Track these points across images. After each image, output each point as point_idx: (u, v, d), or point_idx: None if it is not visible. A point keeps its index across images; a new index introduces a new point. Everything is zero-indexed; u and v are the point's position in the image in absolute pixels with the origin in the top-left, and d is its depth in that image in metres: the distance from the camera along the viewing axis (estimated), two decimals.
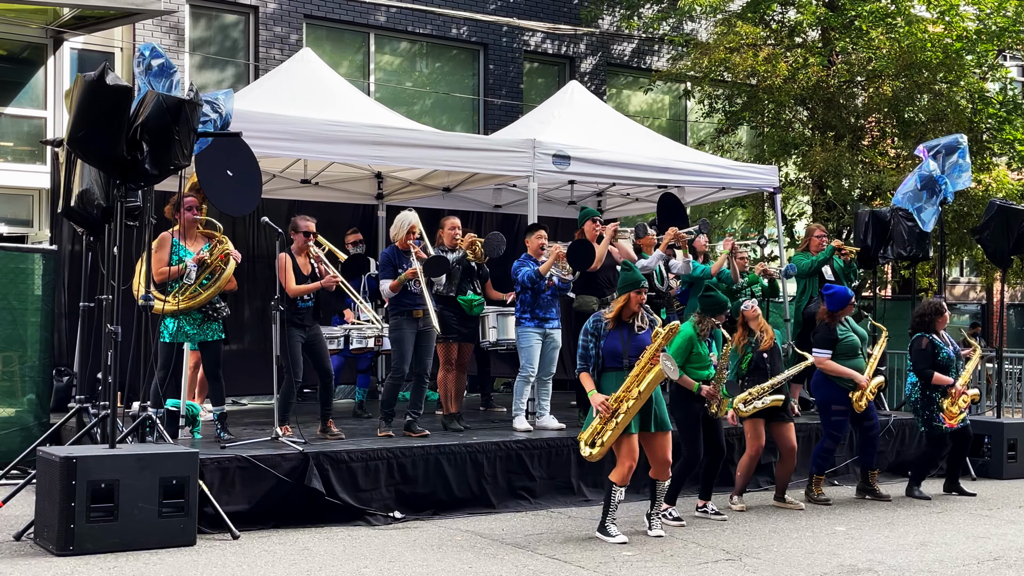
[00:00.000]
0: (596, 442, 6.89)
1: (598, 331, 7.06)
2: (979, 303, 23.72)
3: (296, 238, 8.31)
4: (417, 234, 8.49)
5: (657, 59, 18.41)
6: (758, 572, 6.22)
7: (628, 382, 6.86)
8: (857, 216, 11.46)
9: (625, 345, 7.01)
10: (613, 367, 7.02)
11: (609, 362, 7.03)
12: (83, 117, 6.30)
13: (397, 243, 8.49)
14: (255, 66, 14.76)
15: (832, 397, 8.59)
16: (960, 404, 8.91)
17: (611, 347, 7.04)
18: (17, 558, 6.08)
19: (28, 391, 8.80)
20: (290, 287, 8.08)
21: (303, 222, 8.35)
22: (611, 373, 7.01)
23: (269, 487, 7.14)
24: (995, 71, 16.86)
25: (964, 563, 6.58)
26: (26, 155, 13.63)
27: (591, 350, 7.05)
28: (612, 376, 6.99)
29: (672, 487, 7.59)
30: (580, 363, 7.09)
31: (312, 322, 8.32)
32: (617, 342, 7.03)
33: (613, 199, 13.03)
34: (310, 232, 8.31)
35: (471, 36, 16.72)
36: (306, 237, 8.28)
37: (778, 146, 15.94)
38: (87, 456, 6.20)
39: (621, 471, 6.94)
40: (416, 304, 8.35)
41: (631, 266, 7.23)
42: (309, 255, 8.29)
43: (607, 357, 7.04)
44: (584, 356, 7.07)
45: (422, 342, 8.44)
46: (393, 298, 8.36)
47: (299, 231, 8.30)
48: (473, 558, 6.42)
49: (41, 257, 8.95)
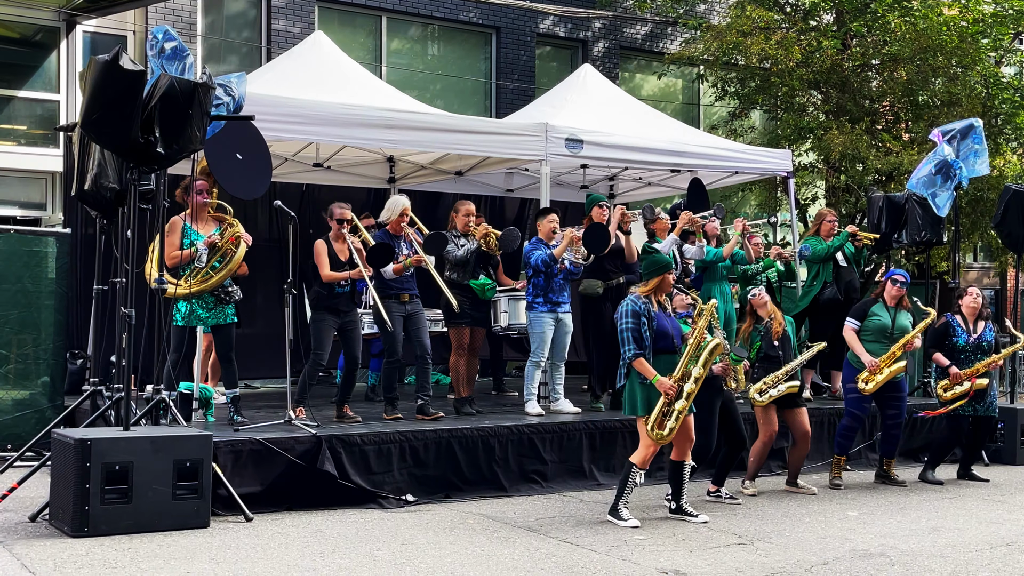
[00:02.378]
0: (665, 424, 6.83)
1: (649, 312, 6.94)
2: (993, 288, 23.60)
3: (332, 225, 8.38)
4: (408, 218, 8.53)
5: (670, 43, 18.32)
6: (770, 556, 6.22)
7: (684, 360, 6.87)
8: (871, 201, 11.39)
9: (671, 327, 7.02)
10: (666, 349, 6.98)
11: (661, 343, 6.97)
12: (97, 100, 6.30)
13: (389, 227, 8.53)
14: (267, 49, 14.74)
15: (851, 376, 8.62)
16: (957, 391, 8.85)
17: (663, 329, 6.97)
18: (33, 539, 6.12)
19: (43, 374, 8.84)
20: (324, 273, 8.17)
21: (338, 209, 8.41)
22: (664, 356, 6.96)
23: (282, 470, 7.17)
24: (1011, 55, 16.73)
25: (977, 548, 6.56)
26: (39, 138, 13.65)
27: (644, 332, 6.88)
28: (665, 359, 6.95)
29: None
30: (634, 347, 6.83)
31: (350, 307, 8.37)
32: (666, 323, 7.00)
33: (625, 183, 13.00)
34: (344, 219, 8.34)
35: (483, 19, 16.66)
36: (339, 224, 8.32)
37: (792, 130, 15.85)
38: (101, 438, 6.23)
39: (644, 454, 6.91)
40: (403, 288, 8.39)
41: (655, 249, 7.23)
42: (346, 241, 8.32)
43: (659, 339, 6.95)
44: (638, 339, 6.85)
45: (413, 325, 8.48)
46: (378, 283, 8.39)
47: (334, 218, 8.35)
48: (485, 541, 6.44)
49: (55, 240, 8.97)
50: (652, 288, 7.00)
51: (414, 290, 8.57)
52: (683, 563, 5.99)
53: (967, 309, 9.02)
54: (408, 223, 8.60)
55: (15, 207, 13.50)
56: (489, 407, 9.43)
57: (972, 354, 8.96)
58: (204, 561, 5.71)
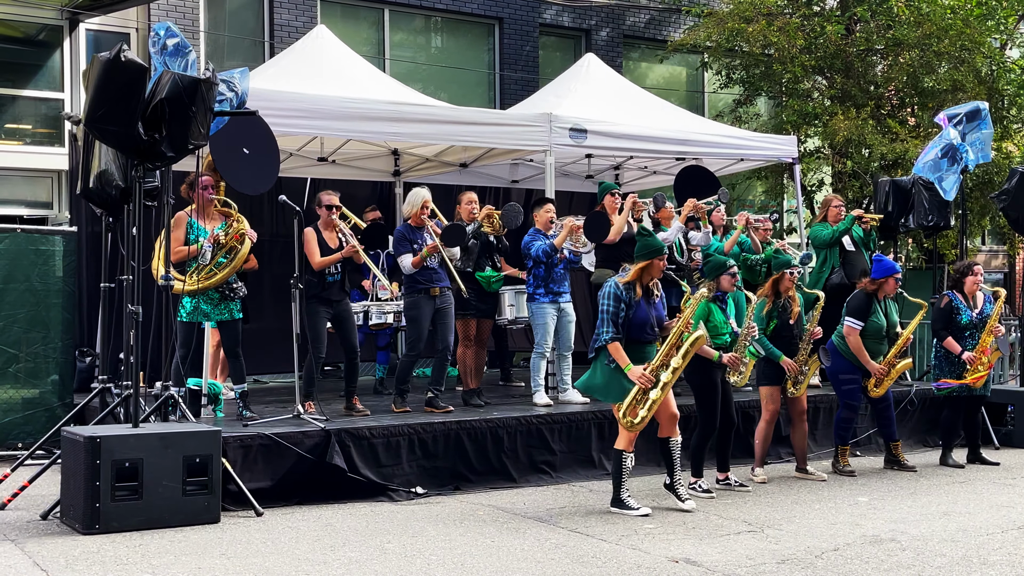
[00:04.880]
0: (638, 412, 6.79)
1: (629, 300, 6.86)
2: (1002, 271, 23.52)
3: (321, 212, 8.37)
4: (430, 210, 8.52)
5: (674, 30, 18.26)
6: (780, 543, 6.22)
7: (667, 348, 6.81)
8: (877, 185, 11.35)
9: (650, 316, 6.97)
10: (641, 339, 6.90)
11: (636, 333, 6.88)
12: (100, 97, 6.31)
13: (411, 219, 8.52)
14: (270, 44, 14.73)
15: (840, 367, 8.58)
16: (981, 370, 8.86)
17: (642, 318, 6.88)
18: (44, 537, 6.14)
19: (52, 372, 8.87)
20: (314, 260, 8.16)
21: (326, 196, 8.41)
22: (637, 345, 6.89)
23: (292, 464, 7.18)
24: (1015, 38, 16.64)
25: (988, 532, 6.55)
26: (44, 137, 13.67)
27: (622, 317, 6.81)
28: (637, 348, 6.88)
29: (694, 459, 7.60)
30: (612, 330, 6.78)
31: (341, 296, 8.37)
32: (645, 313, 6.92)
33: (631, 172, 12.97)
34: (333, 205, 8.35)
35: (486, 10, 16.62)
36: (329, 211, 8.33)
37: (797, 116, 15.80)
38: (111, 436, 6.25)
39: (628, 436, 6.89)
40: (432, 282, 8.39)
41: (649, 232, 7.18)
42: (336, 229, 8.33)
43: (635, 328, 6.86)
44: (616, 323, 6.79)
45: (441, 319, 8.47)
46: (408, 277, 8.40)
47: (323, 205, 8.35)
48: (495, 532, 6.44)
49: (62, 239, 9.00)
50: (639, 272, 6.90)
51: (445, 282, 8.53)
52: (693, 551, 5.99)
53: (973, 286, 8.99)
54: (429, 215, 8.57)
55: (21, 206, 13.52)
56: (497, 398, 9.43)
57: (977, 329, 8.96)
58: (215, 556, 5.73)
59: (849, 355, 8.54)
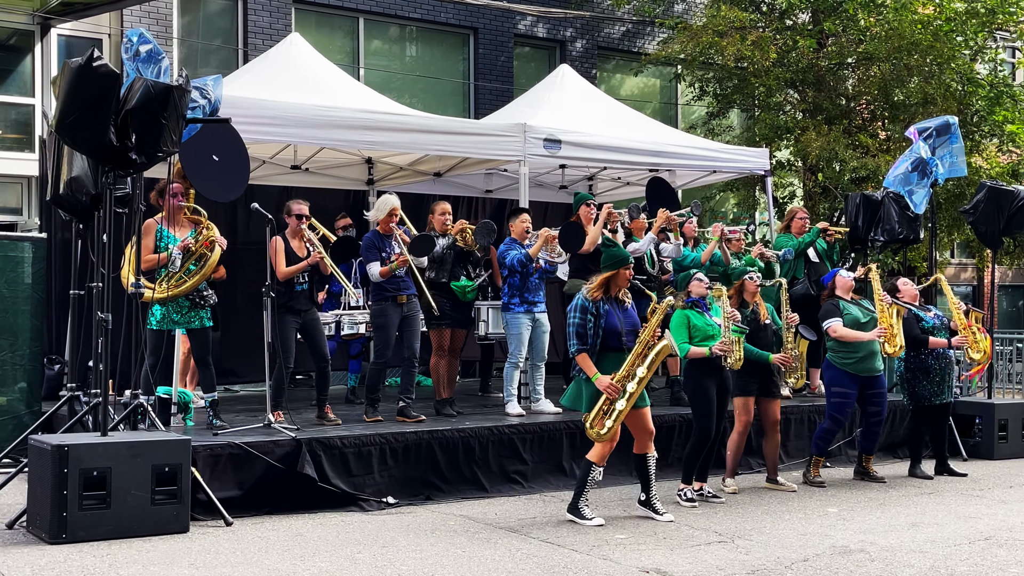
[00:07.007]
0: (604, 422, 6.80)
1: (597, 309, 6.90)
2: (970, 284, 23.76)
3: (289, 221, 8.33)
4: (398, 217, 8.51)
5: (648, 42, 18.37)
6: (751, 554, 6.24)
7: (632, 359, 6.83)
8: (848, 199, 11.43)
9: (621, 324, 6.98)
10: (614, 347, 6.92)
11: (610, 341, 6.90)
12: (71, 103, 6.26)
13: (378, 226, 8.51)
14: (244, 52, 14.69)
15: (834, 379, 8.60)
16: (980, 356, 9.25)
17: (612, 326, 6.90)
18: (10, 546, 6.07)
19: (19, 380, 8.76)
20: (279, 270, 8.09)
21: (296, 205, 8.37)
22: (611, 353, 6.90)
23: (262, 473, 7.14)
24: (984, 53, 16.83)
25: (955, 543, 6.61)
26: (14, 143, 13.56)
27: (590, 329, 6.86)
28: (612, 356, 6.90)
29: (687, 466, 7.66)
30: (578, 342, 6.83)
31: (308, 305, 8.33)
32: (616, 321, 6.94)
33: (604, 183, 13.02)
34: (302, 215, 8.31)
35: (461, 20, 16.65)
36: (299, 220, 8.29)
37: (769, 130, 15.91)
38: (79, 444, 6.19)
39: (602, 450, 6.91)
40: (400, 290, 8.38)
41: (614, 242, 7.21)
42: (303, 238, 8.29)
43: (608, 336, 6.88)
44: (582, 335, 6.83)
45: (408, 326, 8.47)
46: (376, 285, 8.39)
47: (292, 214, 8.31)
48: (467, 542, 6.43)
49: (31, 245, 8.90)
50: (604, 282, 6.93)
51: (411, 290, 8.53)
52: (664, 562, 6.00)
53: (912, 297, 9.12)
54: (398, 223, 8.56)
55: None
56: (471, 408, 9.42)
57: (940, 331, 9.11)
58: (184, 567, 5.69)
59: (844, 367, 8.56)
